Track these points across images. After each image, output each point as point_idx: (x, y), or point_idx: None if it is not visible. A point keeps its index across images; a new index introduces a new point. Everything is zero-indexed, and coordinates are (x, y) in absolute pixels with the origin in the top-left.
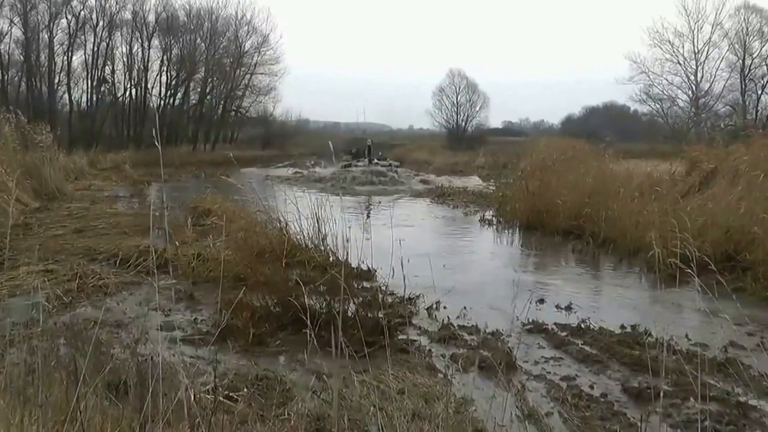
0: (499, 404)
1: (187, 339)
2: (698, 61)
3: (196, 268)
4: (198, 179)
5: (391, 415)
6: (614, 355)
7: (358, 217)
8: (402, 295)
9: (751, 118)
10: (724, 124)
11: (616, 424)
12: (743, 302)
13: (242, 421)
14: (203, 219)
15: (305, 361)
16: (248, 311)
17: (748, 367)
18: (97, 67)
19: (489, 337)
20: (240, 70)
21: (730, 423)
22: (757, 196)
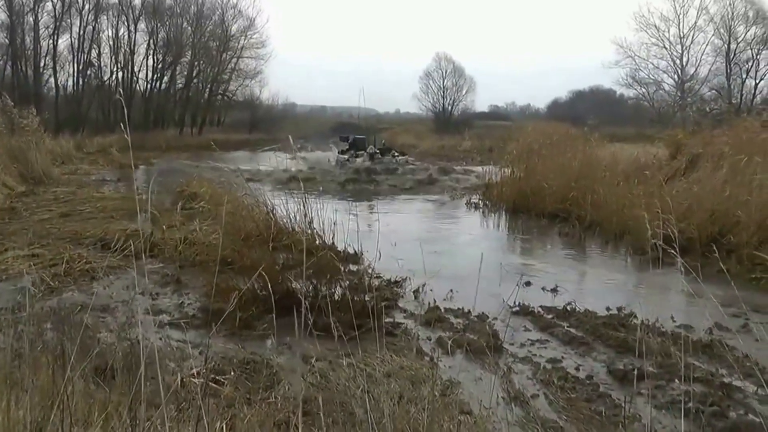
0: (486, 387)
1: (174, 323)
2: (684, 46)
3: (183, 252)
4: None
5: (377, 398)
6: (600, 337)
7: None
8: (389, 278)
9: (736, 102)
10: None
11: (601, 406)
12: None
13: (229, 405)
14: (190, 203)
15: (292, 344)
16: (235, 294)
17: (732, 348)
18: (83, 50)
19: (475, 320)
20: (226, 53)
21: (714, 404)
22: (741, 180)
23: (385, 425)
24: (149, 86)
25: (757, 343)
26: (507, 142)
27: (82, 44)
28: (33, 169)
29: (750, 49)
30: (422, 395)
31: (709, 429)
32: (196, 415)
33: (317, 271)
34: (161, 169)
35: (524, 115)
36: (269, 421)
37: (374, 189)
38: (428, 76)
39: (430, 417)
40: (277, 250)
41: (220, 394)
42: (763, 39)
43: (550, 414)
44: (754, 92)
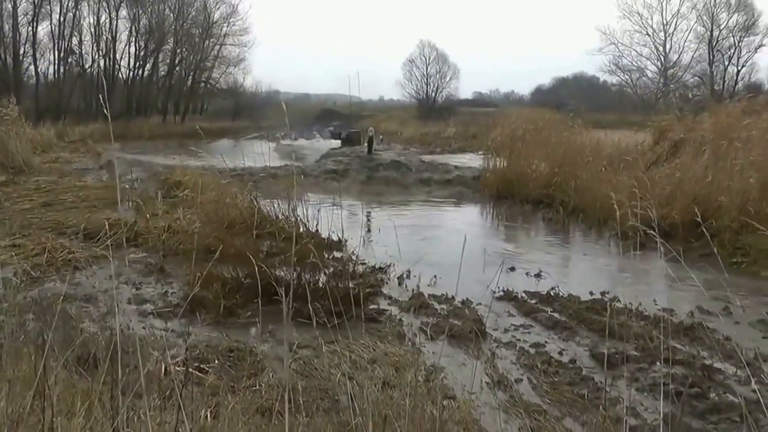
0: (469, 372)
1: (158, 312)
2: (667, 33)
3: (167, 241)
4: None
5: (361, 384)
6: (583, 321)
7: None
8: (373, 264)
9: (719, 89)
10: (692, 94)
11: (584, 389)
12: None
13: (214, 393)
14: (173, 191)
15: (276, 332)
16: (219, 283)
17: (713, 331)
18: (63, 37)
19: (459, 305)
20: (209, 40)
21: (695, 385)
22: (723, 165)
23: (368, 411)
24: (131, 74)
25: (737, 326)
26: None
27: (62, 31)
28: (13, 158)
29: (732, 36)
30: (406, 381)
31: (690, 410)
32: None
33: (301, 259)
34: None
35: (508, 101)
36: (253, 408)
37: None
38: (411, 63)
39: (414, 402)
40: (261, 238)
41: (204, 383)
42: (744, 26)
43: (534, 398)
44: (736, 79)
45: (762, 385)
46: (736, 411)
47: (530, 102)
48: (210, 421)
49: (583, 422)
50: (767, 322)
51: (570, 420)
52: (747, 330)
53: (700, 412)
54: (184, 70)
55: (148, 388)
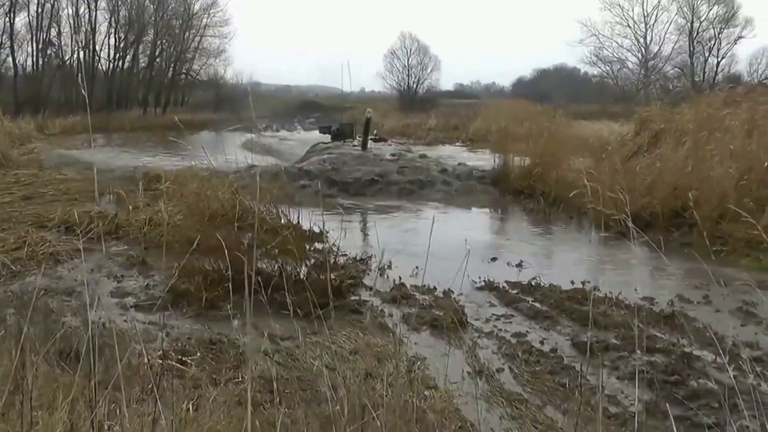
0: (451, 362)
1: (140, 305)
2: (647, 24)
3: (148, 234)
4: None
5: (343, 375)
6: (564, 311)
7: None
8: (354, 255)
9: (699, 80)
10: (672, 85)
11: (565, 378)
12: (690, 257)
13: (195, 386)
14: (155, 183)
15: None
16: (201, 275)
17: (693, 319)
18: (41, 29)
19: (441, 296)
20: (189, 32)
21: (675, 373)
22: (702, 155)
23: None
24: (111, 66)
25: (717, 314)
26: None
27: (40, 22)
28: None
29: (712, 27)
30: (388, 371)
31: (670, 397)
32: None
33: (282, 251)
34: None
35: (489, 93)
36: (235, 400)
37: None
38: (392, 55)
39: (396, 393)
40: (242, 230)
41: (186, 375)
42: (725, 18)
43: (515, 387)
44: (716, 70)
45: (740, 372)
46: (715, 397)
47: (511, 94)
48: (191, 413)
49: (564, 411)
50: (746, 310)
51: (551, 408)
52: (726, 318)
53: (680, 399)
54: (165, 61)
55: (129, 381)
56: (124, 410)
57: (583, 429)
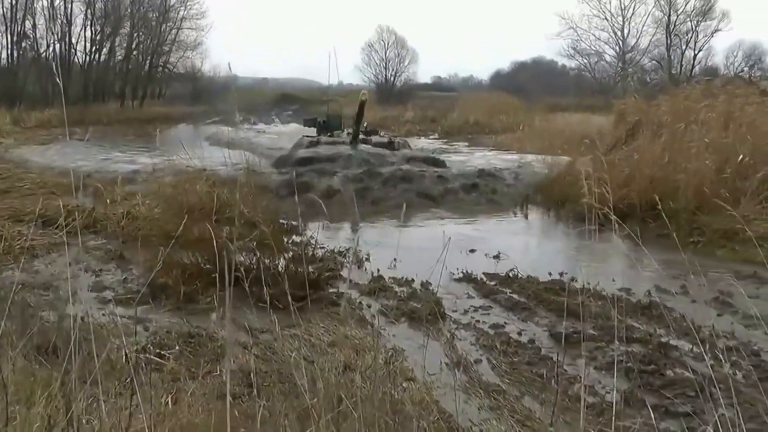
0: (429, 353)
1: (118, 299)
2: (625, 17)
3: (126, 227)
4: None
5: (322, 368)
6: (542, 302)
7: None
8: (332, 248)
9: (676, 73)
10: (649, 78)
11: (542, 369)
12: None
13: (174, 379)
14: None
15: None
16: (179, 269)
17: (670, 309)
18: (16, 21)
19: (419, 288)
20: (166, 24)
21: (652, 362)
22: (679, 147)
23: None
24: (88, 58)
25: (693, 304)
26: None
27: (14, 14)
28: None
29: (689, 20)
30: (366, 363)
31: (647, 386)
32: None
33: (261, 244)
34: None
35: (467, 86)
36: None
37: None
38: (370, 47)
39: (374, 385)
40: (220, 223)
41: (165, 368)
42: (701, 11)
43: (493, 378)
44: (693, 63)
45: (716, 361)
46: (691, 386)
47: (489, 86)
48: (170, 406)
49: (541, 401)
50: (722, 300)
51: (529, 399)
52: (703, 308)
53: (657, 388)
54: (142, 54)
55: (108, 376)
56: (101, 404)
57: (559, 419)
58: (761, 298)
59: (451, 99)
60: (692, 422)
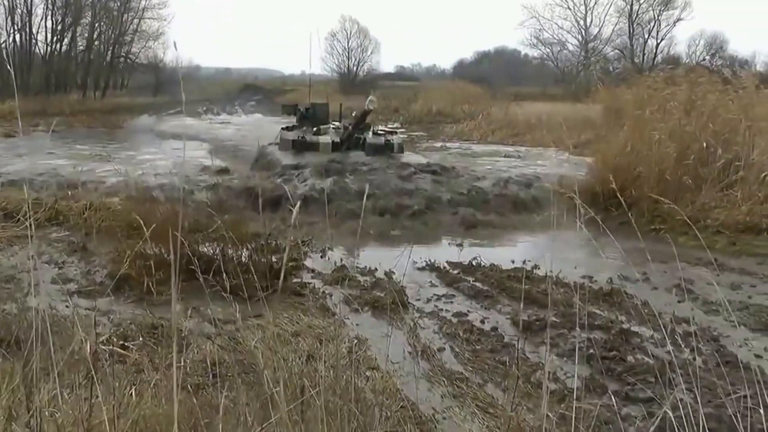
0: (393, 342)
1: (82, 291)
2: (588, 6)
3: (89, 219)
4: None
5: (285, 358)
6: (505, 290)
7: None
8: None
9: (639, 62)
10: (612, 67)
11: (505, 356)
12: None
13: (138, 371)
14: None
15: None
16: (142, 260)
17: (631, 296)
18: None
19: (382, 277)
20: (128, 14)
21: (614, 349)
22: (641, 135)
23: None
24: (49, 49)
25: (655, 291)
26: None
27: None
28: None
29: (652, 10)
30: (330, 353)
31: (608, 373)
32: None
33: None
34: None
35: (430, 75)
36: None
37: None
38: (333, 37)
39: (337, 374)
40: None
41: (128, 360)
42: (664, 0)
43: (456, 366)
44: (656, 52)
45: (676, 347)
46: (651, 372)
47: (452, 76)
48: (133, 398)
49: (504, 388)
50: (683, 286)
51: (491, 386)
52: (664, 294)
53: (618, 374)
54: (103, 44)
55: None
56: (65, 396)
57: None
58: (721, 284)
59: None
60: (653, 407)
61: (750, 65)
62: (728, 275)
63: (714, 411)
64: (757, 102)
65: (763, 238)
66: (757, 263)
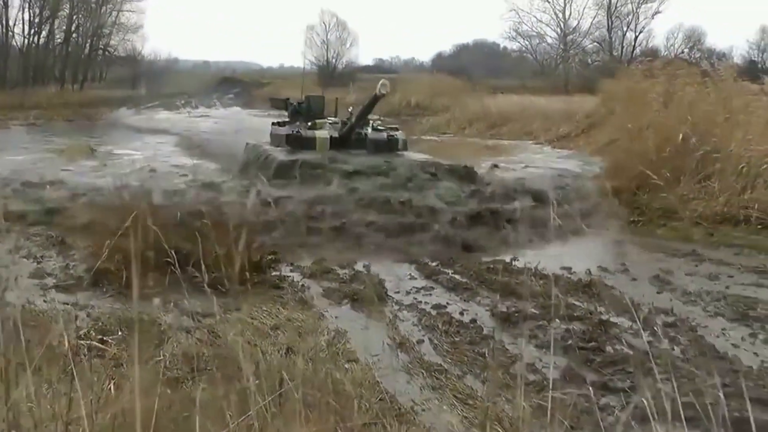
0: (372, 335)
1: (60, 285)
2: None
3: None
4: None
5: (265, 351)
6: (484, 282)
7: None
8: None
9: (617, 54)
10: (591, 59)
11: (484, 348)
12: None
13: (117, 365)
14: None
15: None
16: (121, 254)
17: (611, 287)
18: None
19: (361, 270)
20: (106, 6)
21: (592, 339)
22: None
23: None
24: (26, 41)
25: (633, 282)
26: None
27: None
28: None
29: (630, 2)
30: (309, 346)
31: (587, 363)
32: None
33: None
34: None
35: (409, 68)
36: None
37: None
38: (312, 30)
39: (315, 366)
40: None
41: (107, 354)
42: None
43: (435, 358)
44: (634, 44)
45: (654, 337)
46: (630, 362)
47: (431, 68)
48: (113, 392)
49: (483, 380)
50: (661, 278)
51: (470, 378)
52: (643, 286)
53: (597, 365)
54: (81, 37)
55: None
56: (43, 391)
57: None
58: (699, 275)
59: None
60: (630, 397)
61: (728, 58)
62: (706, 266)
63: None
64: (735, 94)
65: (741, 229)
66: (734, 254)
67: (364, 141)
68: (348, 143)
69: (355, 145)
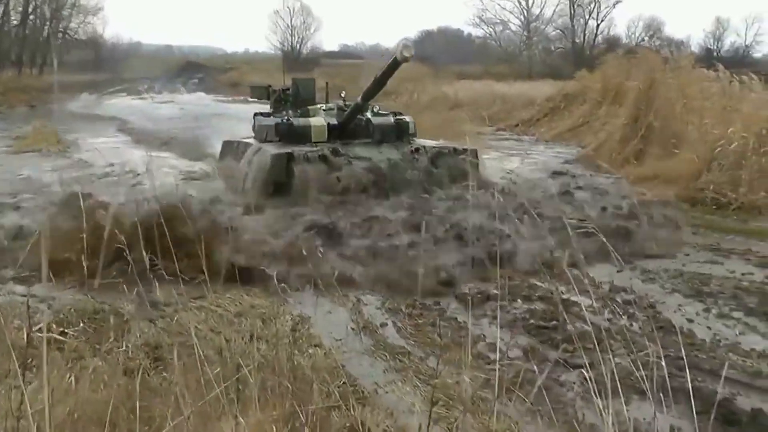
0: (336, 319)
1: (18, 277)
2: None
3: None
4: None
5: (229, 338)
6: None
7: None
8: None
9: (580, 42)
10: (554, 47)
11: (447, 330)
12: None
13: (78, 357)
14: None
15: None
16: (81, 244)
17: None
18: None
19: None
20: None
21: (554, 318)
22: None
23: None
24: None
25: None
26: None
27: None
28: None
29: None
30: (272, 332)
31: (549, 342)
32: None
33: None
34: None
35: (374, 53)
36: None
37: None
38: (276, 14)
39: (277, 352)
40: None
41: (68, 347)
42: None
43: (398, 340)
44: (596, 33)
45: (614, 315)
46: (590, 339)
47: None
48: (73, 385)
49: (446, 361)
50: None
51: (433, 359)
52: (604, 266)
53: (558, 343)
54: (39, 19)
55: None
56: None
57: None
58: None
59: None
60: (590, 372)
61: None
62: None
63: (648, 373)
64: (694, 80)
65: (698, 209)
66: (692, 233)
67: (367, 128)
68: (347, 131)
69: (357, 133)
